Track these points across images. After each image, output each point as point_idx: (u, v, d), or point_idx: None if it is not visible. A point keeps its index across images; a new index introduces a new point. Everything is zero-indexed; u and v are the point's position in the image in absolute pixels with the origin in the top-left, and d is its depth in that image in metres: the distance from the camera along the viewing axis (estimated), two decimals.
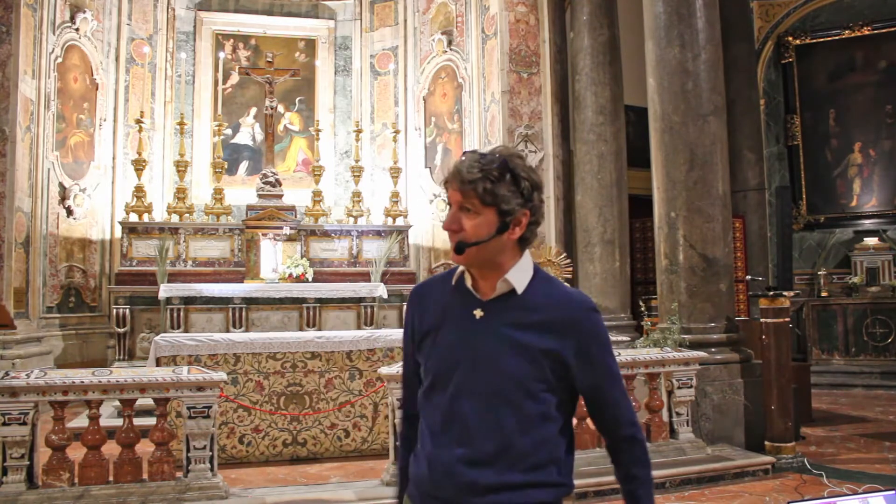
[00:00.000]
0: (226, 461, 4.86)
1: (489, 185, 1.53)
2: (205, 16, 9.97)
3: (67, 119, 8.62)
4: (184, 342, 5.12)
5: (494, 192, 1.53)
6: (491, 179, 1.53)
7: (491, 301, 1.60)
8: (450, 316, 1.62)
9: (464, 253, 1.57)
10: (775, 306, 5.30)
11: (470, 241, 1.56)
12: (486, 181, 1.53)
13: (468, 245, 1.56)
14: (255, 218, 8.63)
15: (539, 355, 1.56)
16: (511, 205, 1.55)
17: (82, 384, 3.97)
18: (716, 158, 5.75)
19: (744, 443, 5.38)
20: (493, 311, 1.59)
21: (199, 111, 9.84)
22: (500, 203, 1.54)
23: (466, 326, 1.60)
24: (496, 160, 1.55)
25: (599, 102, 7.87)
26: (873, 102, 9.64)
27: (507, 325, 1.57)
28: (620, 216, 7.87)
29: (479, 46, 8.88)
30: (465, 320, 1.60)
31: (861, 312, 8.88)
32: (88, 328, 8.73)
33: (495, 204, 1.54)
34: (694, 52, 5.78)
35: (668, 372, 5.03)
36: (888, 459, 5.31)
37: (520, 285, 1.60)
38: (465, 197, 1.55)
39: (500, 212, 1.55)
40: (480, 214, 1.55)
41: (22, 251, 7.60)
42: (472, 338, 1.58)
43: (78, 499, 3.90)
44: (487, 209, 1.54)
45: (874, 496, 1.94)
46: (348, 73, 10.38)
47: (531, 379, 1.56)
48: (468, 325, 1.60)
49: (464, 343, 1.58)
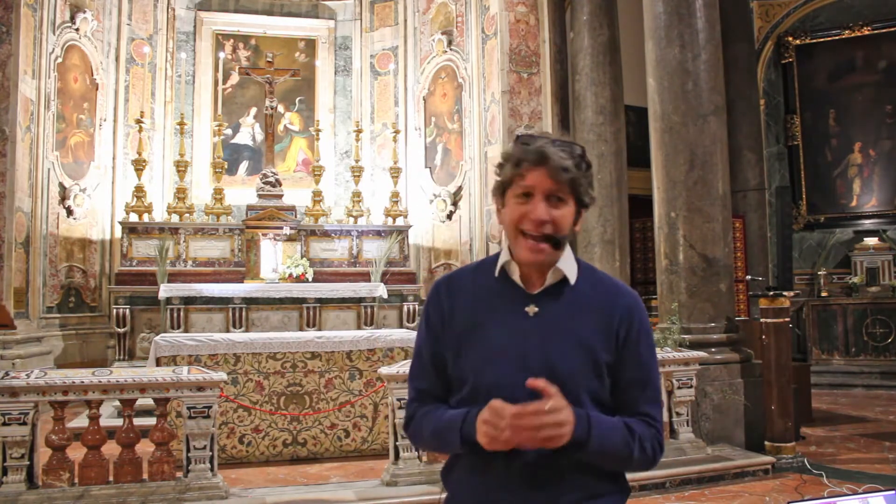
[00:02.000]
0: (226, 461, 4.86)
1: (579, 174, 1.45)
2: (205, 16, 9.97)
3: (67, 119, 8.62)
4: (184, 342, 5.12)
5: (581, 182, 1.45)
6: (581, 168, 1.45)
7: (541, 294, 1.48)
8: (495, 313, 1.47)
9: (562, 247, 1.46)
10: (775, 306, 5.30)
11: (561, 233, 1.45)
12: (578, 169, 1.44)
13: (562, 238, 1.45)
14: (255, 218, 8.63)
15: (599, 349, 1.47)
16: (588, 196, 1.48)
17: (82, 384, 3.97)
18: (716, 158, 5.75)
19: (744, 443, 5.38)
20: (547, 306, 1.47)
21: (199, 111, 9.84)
22: (582, 194, 1.47)
23: (519, 325, 1.46)
24: (578, 148, 1.47)
25: (599, 102, 7.87)
26: (873, 102, 9.64)
27: (566, 320, 1.47)
28: (620, 216, 7.87)
29: (479, 46, 8.88)
30: (516, 318, 1.46)
31: (861, 312, 8.88)
32: (88, 328, 8.73)
33: (579, 195, 1.46)
34: (694, 52, 5.78)
35: (668, 372, 5.03)
36: (888, 459, 5.31)
37: (572, 275, 1.50)
38: (558, 185, 1.42)
39: (580, 203, 1.48)
40: (567, 205, 1.45)
41: (22, 251, 7.60)
42: (530, 339, 1.45)
43: (78, 499, 3.90)
44: (572, 199, 1.46)
45: (874, 496, 1.94)
46: (348, 73, 10.38)
47: (594, 377, 1.47)
48: (521, 323, 1.46)
49: (520, 346, 1.44)
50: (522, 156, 1.43)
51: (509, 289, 1.49)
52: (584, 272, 1.54)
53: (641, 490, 4.56)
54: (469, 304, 1.50)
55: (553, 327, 1.46)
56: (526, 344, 1.44)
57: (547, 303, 1.47)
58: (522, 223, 1.43)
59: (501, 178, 1.47)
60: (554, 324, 1.46)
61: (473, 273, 1.56)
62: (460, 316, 1.49)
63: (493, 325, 1.46)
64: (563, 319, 1.47)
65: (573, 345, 1.46)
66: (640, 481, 4.59)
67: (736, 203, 7.85)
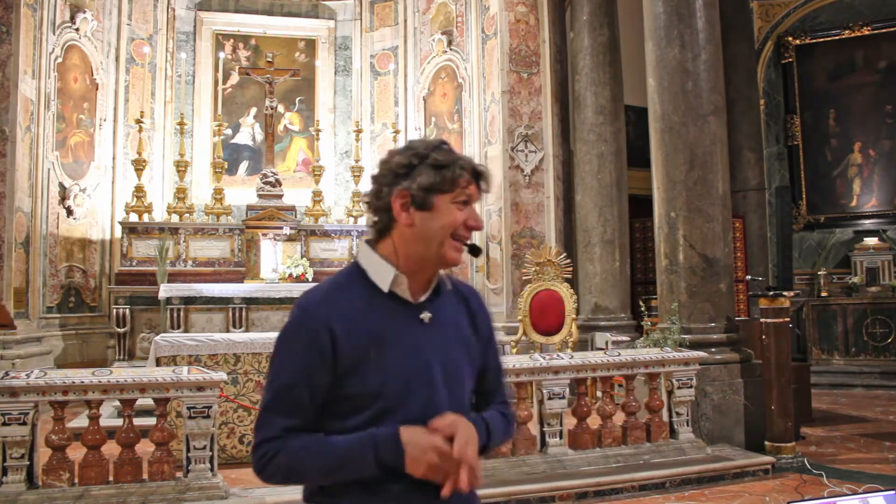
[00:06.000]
0: (226, 461, 4.85)
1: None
2: (205, 16, 9.98)
3: (67, 119, 8.61)
4: (184, 342, 5.12)
5: None
6: None
7: (428, 300, 1.49)
8: (393, 327, 1.43)
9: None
10: (775, 306, 5.30)
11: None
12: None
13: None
14: (255, 218, 8.63)
15: (474, 343, 1.54)
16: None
17: (82, 384, 3.96)
18: (716, 158, 5.75)
19: (744, 443, 5.38)
20: (435, 311, 1.48)
21: (199, 111, 9.84)
22: None
23: (415, 336, 1.44)
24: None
25: (599, 102, 7.88)
26: (873, 102, 9.64)
27: (453, 321, 1.51)
28: (620, 216, 7.87)
29: (479, 46, 8.88)
30: (411, 329, 1.44)
31: (861, 312, 8.88)
32: (88, 328, 8.73)
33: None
34: (694, 52, 5.78)
35: (669, 372, 5.03)
36: (888, 459, 5.31)
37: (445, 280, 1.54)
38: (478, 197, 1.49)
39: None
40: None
41: (22, 251, 7.60)
42: (431, 347, 1.45)
43: (78, 499, 3.90)
44: None
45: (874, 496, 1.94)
46: (348, 73, 10.38)
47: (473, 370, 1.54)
48: (418, 333, 1.45)
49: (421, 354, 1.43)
50: (466, 165, 1.45)
51: (396, 300, 1.45)
52: (440, 273, 1.55)
53: (641, 490, 4.56)
54: (361, 322, 1.41)
55: (446, 331, 1.49)
56: (430, 353, 1.45)
57: (435, 308, 1.49)
58: (459, 228, 1.44)
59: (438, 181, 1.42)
60: (446, 327, 1.49)
61: (343, 292, 1.45)
62: (355, 336, 1.40)
63: (393, 340, 1.42)
64: (450, 321, 1.51)
65: (463, 344, 1.52)
66: (640, 481, 4.60)
67: (736, 203, 7.86)
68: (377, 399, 1.39)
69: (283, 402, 1.41)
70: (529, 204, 8.19)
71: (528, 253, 7.67)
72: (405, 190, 1.42)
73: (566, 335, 7.13)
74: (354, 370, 1.39)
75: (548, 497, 4.39)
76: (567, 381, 4.81)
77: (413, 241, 1.44)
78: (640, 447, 4.90)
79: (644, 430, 4.97)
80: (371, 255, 1.48)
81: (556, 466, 4.64)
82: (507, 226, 8.14)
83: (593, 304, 7.78)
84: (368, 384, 1.40)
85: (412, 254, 1.45)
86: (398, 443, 1.36)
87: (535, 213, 8.20)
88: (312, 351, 1.39)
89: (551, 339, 7.20)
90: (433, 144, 1.46)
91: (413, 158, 1.43)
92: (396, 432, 1.37)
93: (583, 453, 4.75)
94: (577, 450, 4.77)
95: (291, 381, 1.40)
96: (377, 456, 1.36)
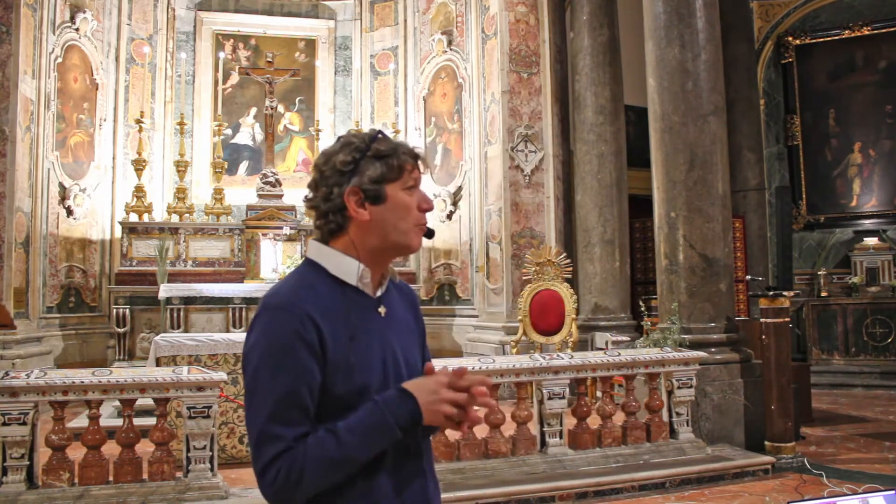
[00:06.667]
0: (226, 461, 4.85)
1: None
2: (205, 16, 9.97)
3: (67, 119, 8.61)
4: (184, 342, 5.12)
5: None
6: None
7: (383, 295, 1.49)
8: (360, 321, 1.42)
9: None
10: (775, 306, 5.30)
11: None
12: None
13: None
14: (255, 218, 8.63)
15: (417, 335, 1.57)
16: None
17: (82, 384, 3.96)
18: (716, 158, 5.76)
19: (744, 443, 5.39)
20: (388, 304, 1.49)
21: (199, 111, 9.84)
22: None
23: (378, 329, 1.44)
24: None
25: (599, 102, 7.88)
26: (873, 102, 9.64)
27: (402, 314, 1.53)
28: (620, 216, 7.87)
29: (479, 46, 8.88)
30: (373, 322, 1.44)
31: (861, 312, 8.88)
32: (88, 328, 8.72)
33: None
34: (694, 52, 5.78)
35: (668, 372, 5.03)
36: (888, 459, 5.31)
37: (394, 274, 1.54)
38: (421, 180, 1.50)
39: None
40: None
41: (22, 251, 7.60)
42: (389, 341, 1.45)
43: (78, 499, 3.90)
44: None
45: (874, 496, 1.94)
46: (348, 73, 10.38)
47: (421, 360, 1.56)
48: (379, 327, 1.45)
49: (383, 349, 1.43)
50: (407, 150, 1.45)
51: (359, 295, 1.44)
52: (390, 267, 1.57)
53: (641, 490, 4.56)
54: (339, 318, 1.38)
55: (398, 324, 1.50)
56: (395, 346, 1.46)
57: (387, 301, 1.49)
58: (415, 213, 1.45)
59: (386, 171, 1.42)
60: (397, 320, 1.50)
61: (311, 289, 1.41)
62: (337, 332, 1.37)
63: (365, 335, 1.41)
64: (400, 315, 1.52)
65: (414, 336, 1.55)
66: (640, 481, 4.60)
67: (736, 203, 7.86)
68: (363, 396, 1.36)
69: (288, 410, 1.31)
70: (529, 204, 8.19)
71: (528, 253, 7.67)
72: (356, 187, 1.41)
73: (566, 335, 7.13)
74: (339, 368, 1.35)
75: (548, 497, 4.39)
76: (567, 381, 4.81)
77: (371, 233, 1.43)
78: (640, 447, 4.90)
79: (644, 430, 4.97)
80: (327, 251, 1.45)
81: (556, 466, 4.64)
82: (507, 226, 8.14)
83: (593, 304, 7.78)
84: (354, 381, 1.36)
85: (372, 246, 1.44)
86: (407, 396, 1.34)
87: (535, 213, 8.20)
88: (303, 350, 1.32)
89: (551, 339, 7.20)
90: (370, 136, 1.44)
91: (355, 153, 1.42)
92: (400, 389, 1.35)
93: (583, 453, 4.75)
94: (577, 450, 4.77)
95: (291, 386, 1.31)
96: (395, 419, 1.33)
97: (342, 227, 1.44)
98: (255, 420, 1.32)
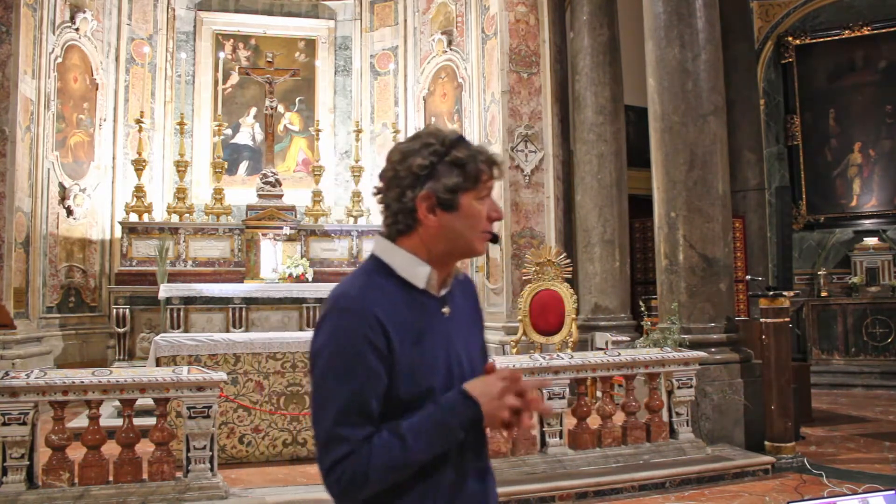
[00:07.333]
0: (226, 461, 4.86)
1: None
2: (205, 16, 9.98)
3: (67, 119, 8.62)
4: (184, 342, 5.12)
5: None
6: None
7: (447, 294, 1.48)
8: (427, 324, 1.42)
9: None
10: (775, 306, 5.30)
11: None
12: None
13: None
14: (255, 218, 8.64)
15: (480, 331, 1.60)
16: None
17: (82, 384, 3.97)
18: (716, 158, 5.75)
19: (744, 443, 5.39)
20: (452, 304, 1.48)
21: (199, 111, 9.84)
22: None
23: (442, 330, 1.43)
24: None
25: (599, 102, 7.87)
26: (873, 102, 9.64)
27: (465, 313, 1.53)
28: (620, 216, 7.87)
29: (479, 46, 8.88)
30: (439, 324, 1.43)
31: (861, 312, 8.88)
32: (88, 328, 8.73)
33: None
34: (694, 52, 5.78)
35: (668, 372, 5.03)
36: (888, 459, 5.31)
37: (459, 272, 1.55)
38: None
39: None
40: None
41: (22, 251, 7.60)
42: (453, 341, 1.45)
43: (78, 499, 3.90)
44: None
45: (874, 496, 1.94)
46: (348, 73, 10.38)
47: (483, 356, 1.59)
48: (443, 328, 1.44)
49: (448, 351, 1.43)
50: (484, 158, 1.43)
51: (425, 297, 1.44)
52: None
53: (641, 490, 4.56)
54: (405, 321, 1.38)
55: (460, 321, 1.50)
56: (458, 347, 1.46)
57: (451, 301, 1.49)
58: (484, 222, 1.44)
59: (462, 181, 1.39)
60: (460, 317, 1.50)
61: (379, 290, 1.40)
62: (405, 335, 1.37)
63: (431, 337, 1.41)
64: (462, 311, 1.52)
65: (475, 330, 1.56)
66: (640, 481, 4.60)
67: (736, 203, 7.86)
68: (426, 398, 1.36)
69: (354, 413, 1.32)
70: (529, 204, 8.19)
71: (528, 253, 7.66)
72: (430, 192, 1.39)
73: (566, 335, 7.13)
74: (405, 371, 1.36)
75: (548, 497, 4.39)
76: (567, 381, 4.81)
77: (440, 239, 1.42)
78: (639, 447, 4.90)
79: (644, 430, 4.97)
80: (396, 251, 1.44)
81: (556, 466, 4.64)
82: (507, 226, 8.14)
83: (593, 304, 7.78)
84: (419, 384, 1.37)
85: (440, 250, 1.43)
86: (470, 402, 1.34)
87: (535, 213, 8.20)
88: (371, 354, 1.33)
89: (551, 339, 7.20)
90: (450, 140, 1.41)
91: (433, 157, 1.39)
92: (463, 393, 1.35)
93: (583, 453, 4.75)
94: (577, 450, 4.77)
95: (359, 389, 1.32)
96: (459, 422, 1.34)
97: (411, 228, 1.43)
98: (321, 421, 1.34)
